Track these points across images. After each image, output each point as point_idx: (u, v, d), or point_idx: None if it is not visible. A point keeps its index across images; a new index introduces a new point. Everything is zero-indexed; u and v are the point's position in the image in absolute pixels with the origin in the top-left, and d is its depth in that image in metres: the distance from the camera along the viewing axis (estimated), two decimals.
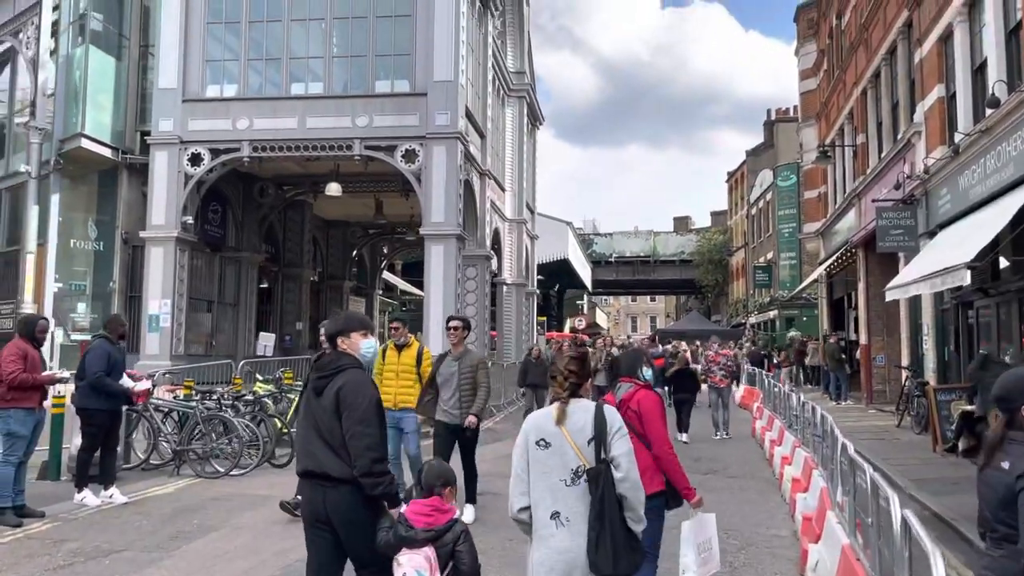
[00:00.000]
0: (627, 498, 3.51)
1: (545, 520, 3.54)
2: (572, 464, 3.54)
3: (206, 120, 20.96)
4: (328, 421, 4.08)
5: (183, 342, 21.00)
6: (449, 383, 8.25)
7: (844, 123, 25.74)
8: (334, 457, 4.03)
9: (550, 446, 3.59)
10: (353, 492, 3.99)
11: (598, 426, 3.57)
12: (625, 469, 3.52)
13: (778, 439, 13.06)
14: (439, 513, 4.05)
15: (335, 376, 4.14)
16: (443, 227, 20.25)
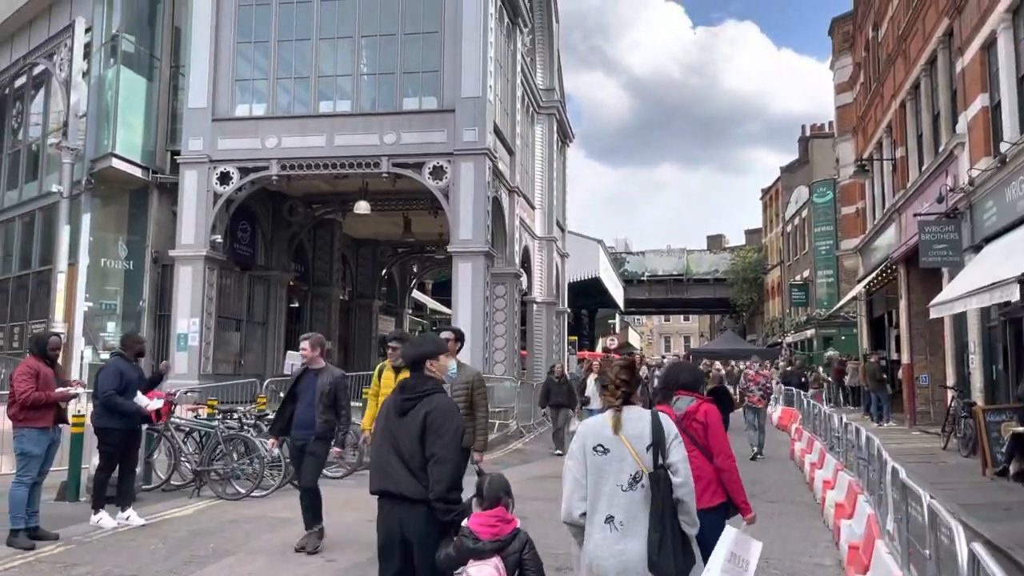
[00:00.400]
0: (684, 502, 3.65)
1: (600, 523, 3.67)
2: (630, 469, 3.67)
3: (235, 139, 20.98)
4: (410, 443, 4.20)
5: (211, 361, 20.92)
6: None
7: (882, 136, 25.12)
8: (412, 478, 4.16)
9: (608, 452, 3.72)
10: (428, 513, 4.13)
11: (656, 433, 3.71)
12: (684, 474, 3.68)
13: (819, 462, 12.51)
14: (503, 523, 4.14)
15: (423, 399, 4.28)
16: (471, 244, 20.00)
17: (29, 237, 23.45)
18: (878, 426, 22.14)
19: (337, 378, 8.06)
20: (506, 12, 23.68)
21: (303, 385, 7.99)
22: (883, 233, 24.84)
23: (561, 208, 36.07)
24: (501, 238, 23.55)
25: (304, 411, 7.89)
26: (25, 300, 22.80)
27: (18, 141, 25.14)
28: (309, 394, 7.90)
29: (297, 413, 7.93)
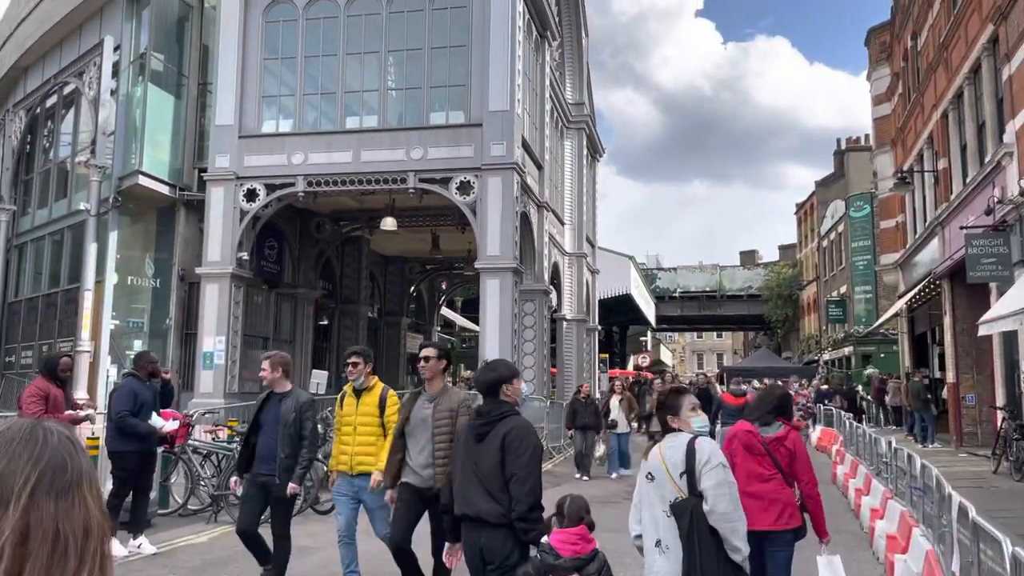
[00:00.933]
0: (719, 529, 3.68)
1: (651, 547, 3.89)
2: (670, 496, 3.82)
3: (261, 156, 20.83)
4: (489, 466, 4.33)
5: (237, 379, 20.69)
6: (420, 432, 5.96)
7: (923, 148, 24.38)
8: (492, 502, 4.29)
9: (654, 479, 3.91)
10: (507, 535, 4.25)
11: (688, 461, 3.80)
12: (712, 502, 3.69)
13: (864, 488, 11.84)
14: (584, 542, 4.24)
15: (499, 422, 4.41)
16: (499, 261, 19.59)
17: (58, 256, 23.50)
18: (923, 447, 21.40)
19: (303, 404, 6.84)
20: (534, 25, 23.38)
21: (266, 413, 6.90)
22: (925, 247, 24.07)
23: (591, 224, 35.59)
24: (530, 254, 23.12)
25: (265, 443, 6.79)
26: (54, 318, 22.80)
27: (49, 160, 25.29)
28: (271, 423, 6.80)
29: (259, 445, 6.86)
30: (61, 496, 1.12)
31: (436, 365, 6.09)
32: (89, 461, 1.20)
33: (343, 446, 6.79)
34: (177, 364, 21.29)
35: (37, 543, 1.08)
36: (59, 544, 1.09)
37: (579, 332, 31.54)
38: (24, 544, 1.07)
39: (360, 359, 6.84)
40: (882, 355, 39.18)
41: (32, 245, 25.05)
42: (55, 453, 1.14)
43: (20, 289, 25.51)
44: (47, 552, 1.08)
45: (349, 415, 6.83)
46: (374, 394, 6.85)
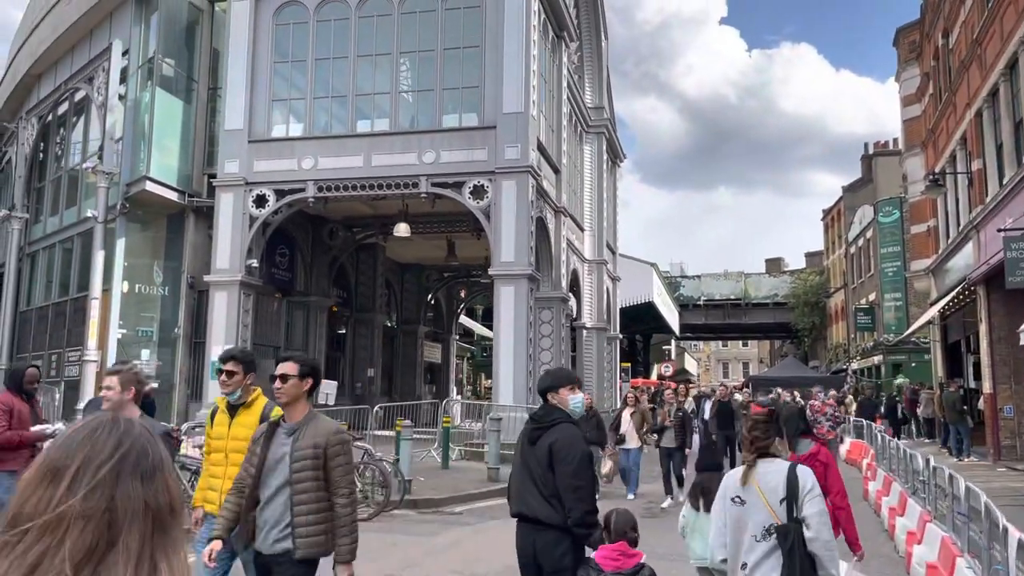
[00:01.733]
0: (819, 556, 3.71)
1: (735, 570, 3.90)
2: (764, 521, 3.81)
3: (271, 160, 20.41)
4: (542, 471, 4.39)
5: None
6: (272, 476, 4.35)
7: (956, 149, 23.45)
8: (546, 504, 4.33)
9: (744, 503, 3.90)
10: (561, 537, 4.30)
11: (790, 487, 3.80)
12: (816, 529, 3.72)
13: (899, 507, 11.03)
14: (626, 557, 4.27)
15: (549, 429, 4.50)
16: (513, 267, 18.96)
17: (68, 264, 23.23)
18: (958, 461, 20.52)
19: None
20: (550, 25, 22.78)
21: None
22: (959, 252, 23.12)
23: (612, 230, 34.86)
24: (547, 261, 22.48)
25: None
26: (63, 327, 22.50)
27: (60, 168, 25.08)
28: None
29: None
30: (147, 478, 1.19)
31: (296, 387, 4.43)
32: (166, 450, 1.26)
33: (212, 479, 5.18)
34: (186, 373, 20.86)
35: (128, 519, 1.14)
36: (149, 520, 1.16)
37: (599, 341, 30.80)
38: (111, 522, 1.13)
39: (237, 366, 5.08)
40: (913, 364, 38.10)
41: (44, 253, 24.82)
42: (137, 440, 1.21)
43: (32, 298, 25.29)
44: (139, 528, 1.15)
45: (220, 438, 5.15)
46: (253, 412, 5.12)
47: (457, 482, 15.04)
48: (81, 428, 1.23)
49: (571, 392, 4.75)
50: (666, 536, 9.04)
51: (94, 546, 1.12)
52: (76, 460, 1.17)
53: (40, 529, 1.11)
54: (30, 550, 1.10)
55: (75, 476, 1.16)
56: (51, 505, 1.13)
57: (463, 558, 9.43)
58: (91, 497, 1.14)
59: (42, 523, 1.12)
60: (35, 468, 1.19)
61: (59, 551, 1.10)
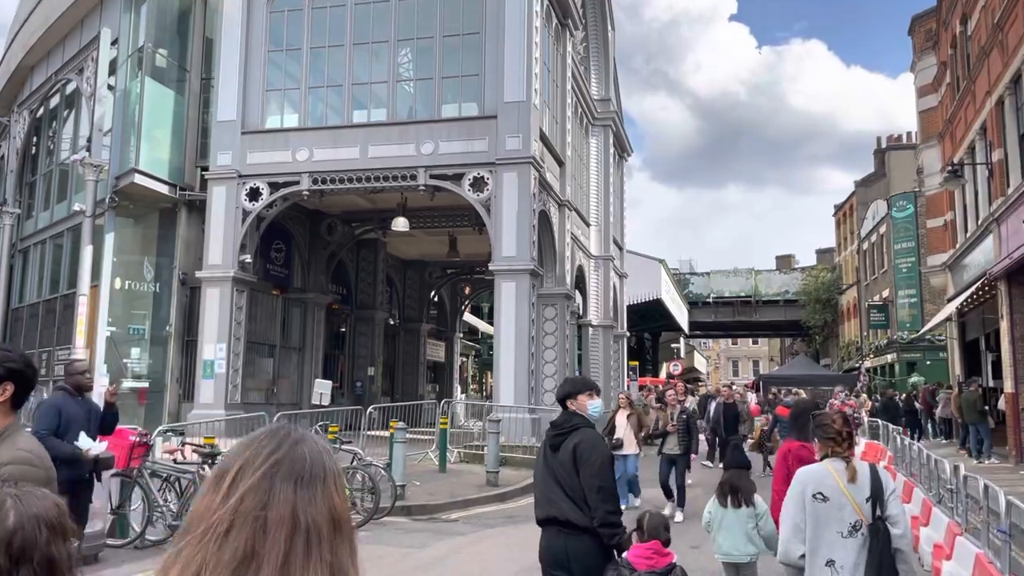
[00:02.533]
0: (902, 551, 3.95)
1: (820, 566, 3.98)
2: (850, 518, 3.93)
3: (265, 152, 19.76)
4: (567, 475, 4.49)
5: (240, 389, 19.56)
6: None
7: (975, 139, 22.62)
8: (575, 507, 4.43)
9: (828, 500, 3.95)
10: (591, 539, 4.40)
11: (875, 486, 3.98)
12: (903, 526, 3.99)
13: (923, 517, 10.27)
14: (659, 556, 4.40)
15: (570, 434, 4.62)
16: (515, 262, 18.25)
17: (58, 259, 22.66)
18: (978, 463, 19.73)
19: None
20: (554, 12, 22.04)
21: None
22: (978, 246, 22.30)
23: (619, 226, 34.11)
24: (550, 256, 21.76)
25: None
26: (53, 325, 21.93)
27: (52, 162, 24.50)
28: None
29: None
30: (301, 485, 1.17)
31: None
32: (338, 465, 1.25)
33: None
34: (177, 373, 20.25)
35: (275, 525, 1.14)
36: (299, 529, 1.15)
37: (606, 339, 30.08)
38: (264, 528, 1.13)
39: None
40: (928, 362, 37.27)
41: (35, 249, 24.27)
42: (297, 448, 1.21)
43: (24, 294, 24.74)
44: (285, 535, 1.14)
45: None
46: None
47: (454, 487, 14.35)
48: (254, 433, 1.25)
49: (589, 398, 4.89)
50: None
51: (249, 552, 1.13)
52: (236, 464, 1.19)
53: (201, 534, 1.14)
54: (194, 557, 1.12)
55: (233, 481, 1.17)
56: (211, 510, 1.15)
57: (454, 573, 8.74)
58: (245, 501, 1.15)
59: (203, 529, 1.14)
60: (211, 473, 1.22)
61: (219, 557, 1.12)
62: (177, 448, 10.10)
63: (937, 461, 10.38)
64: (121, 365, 19.73)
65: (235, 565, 1.10)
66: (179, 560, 1.12)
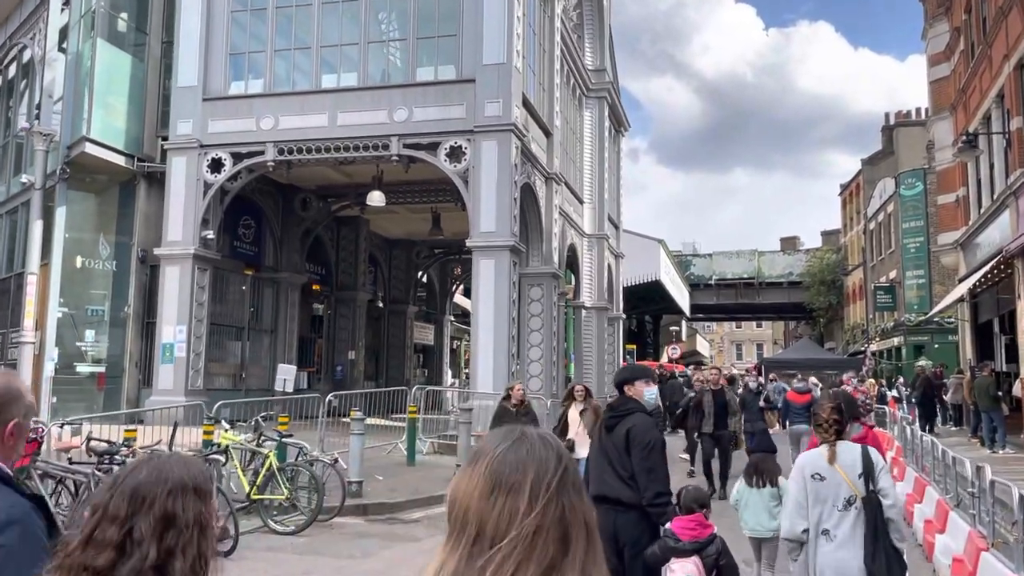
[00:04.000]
0: (894, 520, 4.38)
1: (820, 537, 4.41)
2: (845, 494, 4.39)
3: (228, 120, 18.45)
4: (619, 455, 4.87)
5: (202, 374, 18.32)
6: None
7: (991, 108, 21.20)
8: (625, 486, 4.80)
9: (824, 479, 4.44)
10: (639, 516, 4.75)
11: (866, 464, 4.43)
12: (892, 497, 4.40)
13: (938, 522, 8.97)
14: (701, 528, 4.74)
15: (625, 417, 5.02)
16: (494, 237, 16.94)
17: (14, 236, 21.36)
18: (991, 452, 18.47)
19: None
20: None
21: None
22: (993, 223, 20.93)
23: (615, 203, 32.73)
24: (536, 232, 20.43)
25: None
26: (6, 307, 20.66)
27: (8, 133, 23.16)
28: None
29: None
30: (578, 491, 1.30)
31: None
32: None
33: None
34: (137, 356, 19.02)
35: (576, 530, 1.26)
36: (592, 532, 1.28)
37: (600, 321, 28.77)
38: (564, 535, 1.24)
39: None
40: (936, 346, 35.93)
41: None
42: (565, 454, 1.32)
43: None
44: (584, 537, 1.26)
45: None
46: None
47: (420, 482, 13.09)
48: (517, 443, 1.31)
49: (646, 385, 5.23)
50: None
51: (555, 557, 1.22)
52: (529, 474, 1.27)
53: (512, 543, 1.21)
54: (505, 563, 1.20)
55: (532, 490, 1.25)
56: (517, 520, 1.22)
57: None
58: (548, 510, 1.25)
59: (513, 537, 1.22)
60: (473, 482, 1.27)
61: (528, 565, 1.20)
62: (76, 444, 8.84)
63: (956, 459, 9.07)
64: (77, 348, 18.49)
65: (542, 570, 1.21)
66: (489, 566, 1.20)
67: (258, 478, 9.90)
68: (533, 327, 20.33)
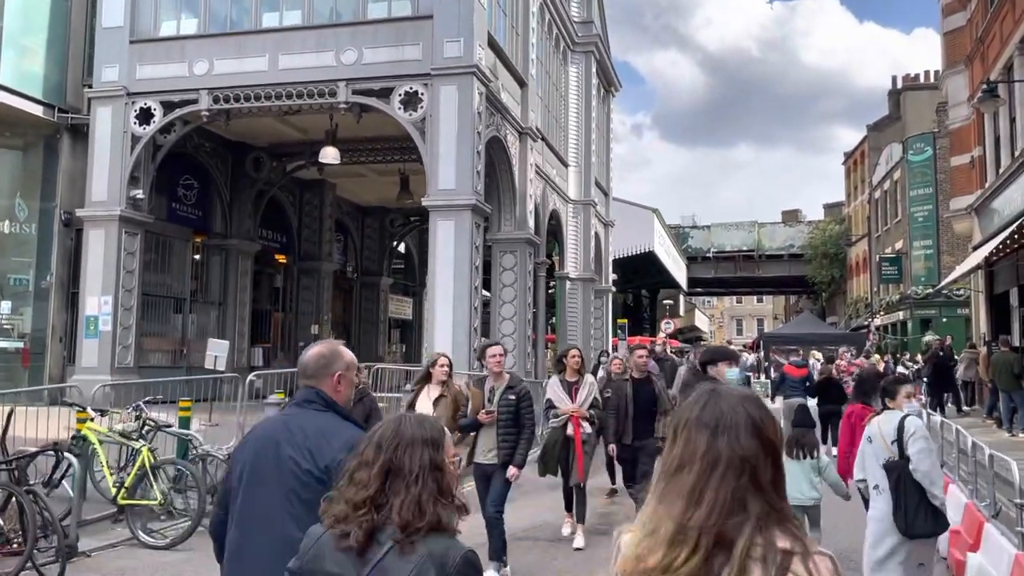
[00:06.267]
0: (923, 483, 5.03)
1: (871, 488, 5.35)
2: (882, 457, 5.24)
3: (158, 65, 16.43)
4: None
5: (133, 350, 16.41)
6: None
7: (1013, 56, 19.12)
8: None
9: (872, 442, 5.37)
10: None
11: (899, 433, 5.17)
12: (915, 462, 5.06)
13: (971, 537, 7.05)
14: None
15: None
16: (454, 196, 14.97)
17: None
18: (1011, 436, 16.70)
19: None
20: None
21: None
22: (1014, 182, 18.94)
23: (604, 168, 30.68)
24: (509, 193, 18.45)
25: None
26: None
27: None
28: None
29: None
30: (716, 433, 1.62)
31: None
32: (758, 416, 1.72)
33: None
34: (61, 331, 17.11)
35: (762, 464, 1.60)
36: (717, 464, 1.59)
37: (586, 293, 26.80)
38: (755, 469, 1.60)
39: None
40: (944, 320, 34.04)
41: None
42: (708, 407, 1.67)
43: None
44: (770, 471, 1.62)
45: None
46: None
47: None
48: (710, 390, 1.73)
49: (728, 366, 6.35)
50: None
51: (744, 485, 1.57)
52: (680, 418, 1.69)
53: (664, 472, 1.65)
54: (706, 478, 1.58)
55: (675, 432, 1.67)
56: (708, 448, 1.61)
57: None
58: (735, 445, 1.60)
59: (663, 469, 1.66)
60: (690, 417, 1.67)
61: (672, 488, 1.60)
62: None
63: (993, 456, 7.15)
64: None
65: (686, 492, 1.57)
66: (655, 493, 1.63)
67: (128, 478, 8.05)
68: (505, 298, 18.42)
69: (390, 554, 1.96)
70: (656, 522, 1.55)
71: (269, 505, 2.66)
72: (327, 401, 2.92)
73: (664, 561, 1.51)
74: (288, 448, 2.74)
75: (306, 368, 2.97)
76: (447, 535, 2.00)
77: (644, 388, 8.50)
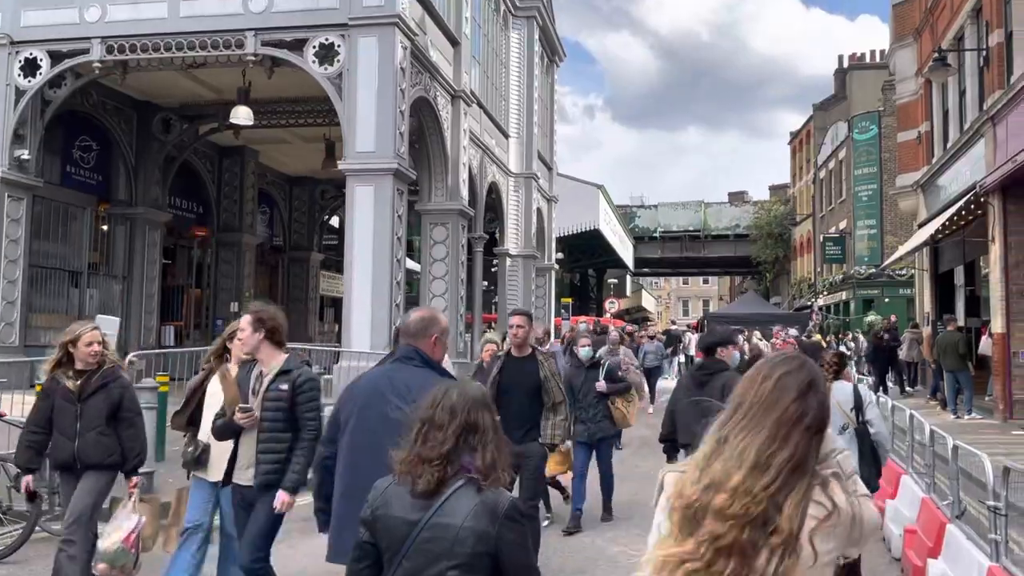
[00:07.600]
0: (879, 443, 5.72)
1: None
2: (840, 422, 5.45)
3: (45, 11, 14.76)
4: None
5: (18, 328, 14.83)
6: None
7: (964, 25, 18.52)
8: None
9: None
10: None
11: (857, 399, 5.66)
12: (877, 426, 5.70)
13: (931, 540, 6.15)
14: None
15: (718, 373, 5.97)
16: (373, 159, 13.71)
17: None
18: (956, 418, 16.23)
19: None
20: None
21: None
22: (962, 157, 18.43)
23: (547, 141, 29.58)
24: (439, 161, 17.24)
25: None
26: None
27: None
28: None
29: None
30: (798, 396, 1.89)
31: None
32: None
33: None
34: None
35: (781, 416, 1.88)
36: (782, 421, 1.86)
37: (527, 271, 25.76)
38: (820, 425, 1.93)
39: None
40: (887, 300, 34.01)
41: None
42: (789, 376, 1.94)
43: None
44: (773, 421, 1.88)
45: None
46: None
47: None
48: (778, 359, 2.01)
49: (736, 349, 6.90)
50: None
51: (818, 438, 1.89)
52: (811, 375, 1.95)
53: (747, 418, 1.91)
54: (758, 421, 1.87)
55: (810, 386, 1.94)
56: (765, 395, 1.90)
57: None
58: (802, 404, 1.88)
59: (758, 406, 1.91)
60: (788, 370, 1.96)
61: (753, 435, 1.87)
62: None
63: (957, 448, 6.24)
64: None
65: (770, 432, 1.84)
66: (742, 421, 1.90)
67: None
68: (436, 273, 17.26)
69: (451, 498, 2.34)
70: (734, 449, 1.84)
71: (378, 451, 2.88)
72: (425, 359, 3.41)
73: (745, 485, 1.78)
74: (395, 399, 3.21)
75: (408, 328, 3.52)
76: (499, 485, 2.40)
77: (525, 371, 6.34)
